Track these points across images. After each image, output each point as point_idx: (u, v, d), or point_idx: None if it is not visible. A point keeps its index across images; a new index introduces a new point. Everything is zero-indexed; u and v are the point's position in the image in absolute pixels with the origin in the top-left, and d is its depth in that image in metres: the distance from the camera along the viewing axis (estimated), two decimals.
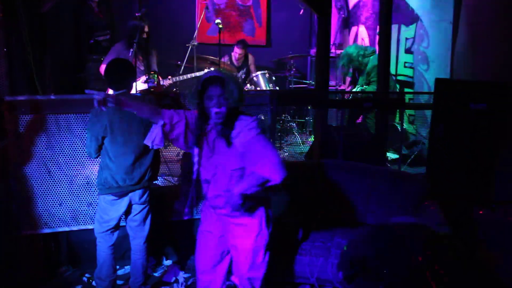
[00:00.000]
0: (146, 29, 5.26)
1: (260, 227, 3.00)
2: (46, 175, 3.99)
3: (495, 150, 3.98)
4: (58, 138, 3.97)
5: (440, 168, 4.24)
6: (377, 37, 6.37)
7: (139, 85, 5.09)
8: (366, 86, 6.15)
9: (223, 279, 3.16)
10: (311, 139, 6.92)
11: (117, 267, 4.04)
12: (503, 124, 3.96)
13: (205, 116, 2.85)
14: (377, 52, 6.46)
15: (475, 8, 4.94)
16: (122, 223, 3.75)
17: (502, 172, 3.96)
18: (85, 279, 4.12)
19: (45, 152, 3.96)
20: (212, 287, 3.13)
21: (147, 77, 5.08)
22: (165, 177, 4.56)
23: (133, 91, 3.98)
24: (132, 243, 3.79)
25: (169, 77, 5.73)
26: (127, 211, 3.67)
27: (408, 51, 6.56)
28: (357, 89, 6.31)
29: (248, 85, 6.91)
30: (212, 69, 6.24)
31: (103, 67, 5.28)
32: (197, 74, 6.23)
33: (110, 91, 4.95)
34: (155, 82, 3.83)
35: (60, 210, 4.07)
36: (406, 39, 6.59)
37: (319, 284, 3.65)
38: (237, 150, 2.82)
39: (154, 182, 3.80)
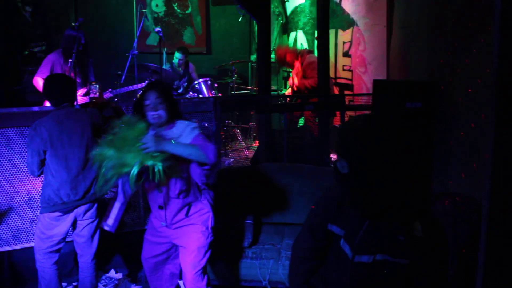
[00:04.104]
0: (83, 40, 5.14)
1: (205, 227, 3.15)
2: None
3: (432, 146, 4.17)
4: None
5: None
6: (316, 41, 6.54)
7: (79, 99, 4.97)
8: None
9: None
10: (256, 144, 7.00)
11: (65, 284, 3.93)
12: (437, 121, 4.16)
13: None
14: (311, 51, 6.66)
15: (406, 12, 5.17)
16: (68, 238, 3.65)
17: (438, 167, 4.15)
18: None
19: None
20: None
21: (87, 89, 4.98)
22: (112, 189, 4.48)
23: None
24: (79, 260, 3.64)
25: (110, 89, 5.64)
26: (73, 227, 3.57)
27: (346, 54, 6.76)
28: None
29: (191, 92, 6.90)
30: (152, 79, 6.22)
31: (36, 79, 5.08)
32: (138, 86, 6.18)
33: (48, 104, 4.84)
34: (97, 93, 3.77)
35: (0, 229, 3.91)
36: (344, 43, 6.79)
37: (271, 286, 3.70)
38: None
39: (103, 196, 3.62)
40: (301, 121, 6.69)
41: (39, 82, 5.05)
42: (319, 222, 2.27)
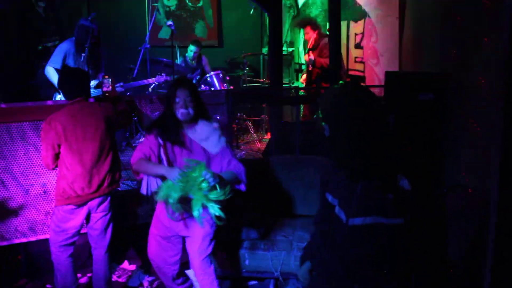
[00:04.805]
0: (96, 32, 5.15)
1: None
2: (0, 186, 3.89)
3: (444, 137, 4.15)
4: (11, 148, 3.88)
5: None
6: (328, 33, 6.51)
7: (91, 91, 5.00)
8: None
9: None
10: (268, 136, 7.01)
11: (79, 276, 3.99)
12: (450, 112, 4.13)
13: (175, 121, 3.12)
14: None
15: (419, 3, 5.12)
16: (82, 230, 3.70)
17: (451, 158, 4.13)
18: None
19: None
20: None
21: (97, 81, 5.02)
22: (125, 182, 4.53)
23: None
24: (93, 253, 3.70)
25: (121, 83, 5.69)
26: (87, 220, 3.62)
27: (358, 46, 6.72)
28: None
29: (203, 86, 6.93)
30: (163, 74, 6.26)
31: (48, 69, 5.03)
32: (150, 81, 6.23)
33: (58, 97, 4.88)
34: (110, 86, 3.80)
35: (16, 221, 3.98)
36: (356, 34, 6.75)
37: (283, 278, 3.73)
38: (206, 151, 3.14)
39: (116, 188, 3.69)
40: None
41: (50, 71, 5.02)
42: (322, 197, 2.36)
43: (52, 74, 4.97)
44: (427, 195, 4.03)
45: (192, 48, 7.20)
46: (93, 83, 5.07)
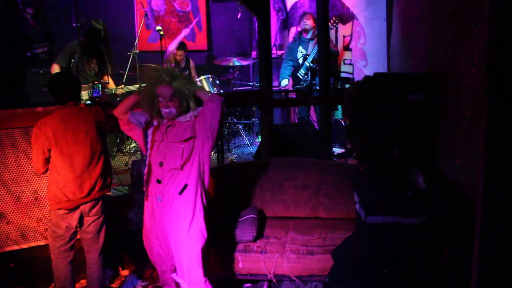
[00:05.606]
0: (102, 35, 5.22)
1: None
2: None
3: (434, 138, 4.18)
4: (1, 155, 3.86)
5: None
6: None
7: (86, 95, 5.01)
8: None
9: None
10: (259, 139, 7.02)
11: None
12: (439, 112, 4.17)
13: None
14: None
15: (405, 5, 5.17)
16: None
17: (441, 157, 4.16)
18: None
19: None
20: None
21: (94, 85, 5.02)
22: (116, 188, 4.52)
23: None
24: (87, 256, 3.70)
25: (122, 86, 5.68)
26: (80, 223, 3.61)
27: (346, 48, 6.77)
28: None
29: None
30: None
31: (54, 67, 5.20)
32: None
33: None
34: (100, 92, 3.80)
35: (8, 228, 3.95)
36: (344, 37, 6.80)
37: (276, 279, 3.73)
38: (189, 126, 3.21)
39: (107, 193, 3.70)
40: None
41: (55, 69, 5.16)
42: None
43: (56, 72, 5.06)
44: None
45: (174, 51, 7.19)
46: (85, 92, 5.07)
